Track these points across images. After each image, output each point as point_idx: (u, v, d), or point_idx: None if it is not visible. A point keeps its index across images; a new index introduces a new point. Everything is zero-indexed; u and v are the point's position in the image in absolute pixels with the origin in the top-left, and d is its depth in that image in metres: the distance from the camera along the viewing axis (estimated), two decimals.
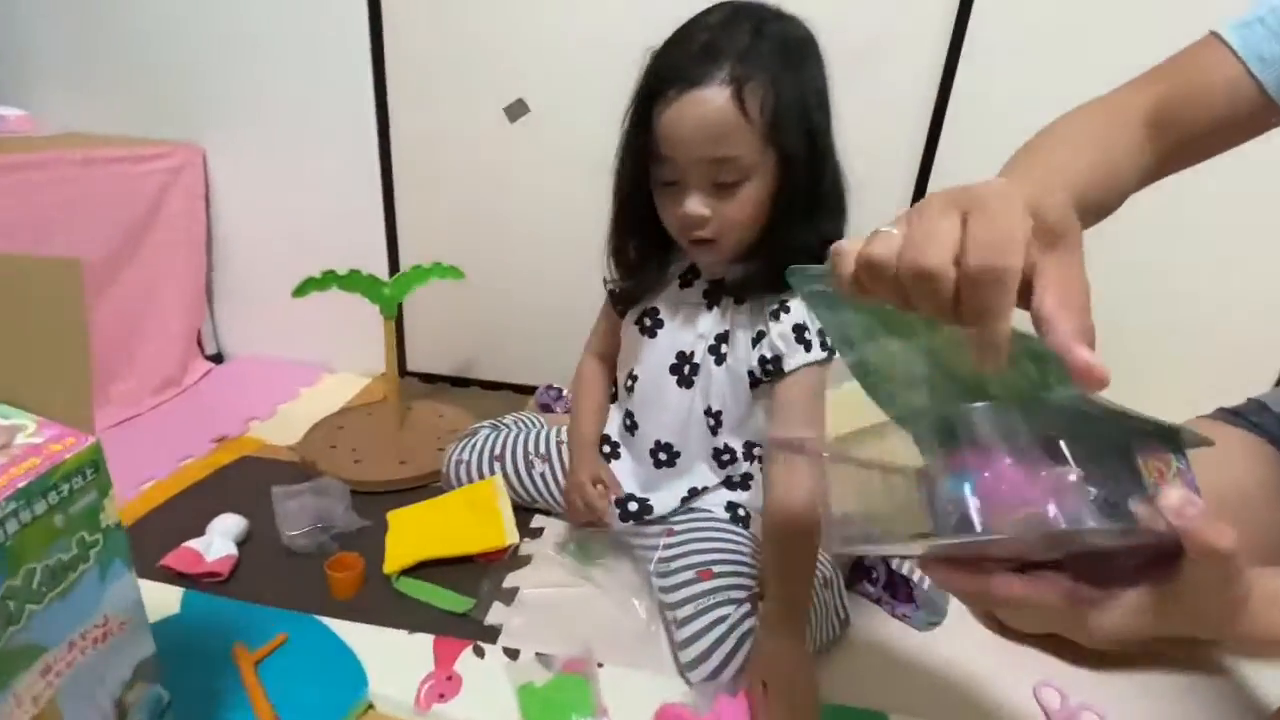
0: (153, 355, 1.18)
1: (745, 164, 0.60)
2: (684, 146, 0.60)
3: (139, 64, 1.20)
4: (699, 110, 0.58)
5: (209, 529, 0.82)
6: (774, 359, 0.70)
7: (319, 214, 1.25)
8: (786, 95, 0.59)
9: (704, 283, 0.75)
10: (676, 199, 0.63)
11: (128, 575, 0.43)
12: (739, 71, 0.57)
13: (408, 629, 0.73)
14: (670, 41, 0.63)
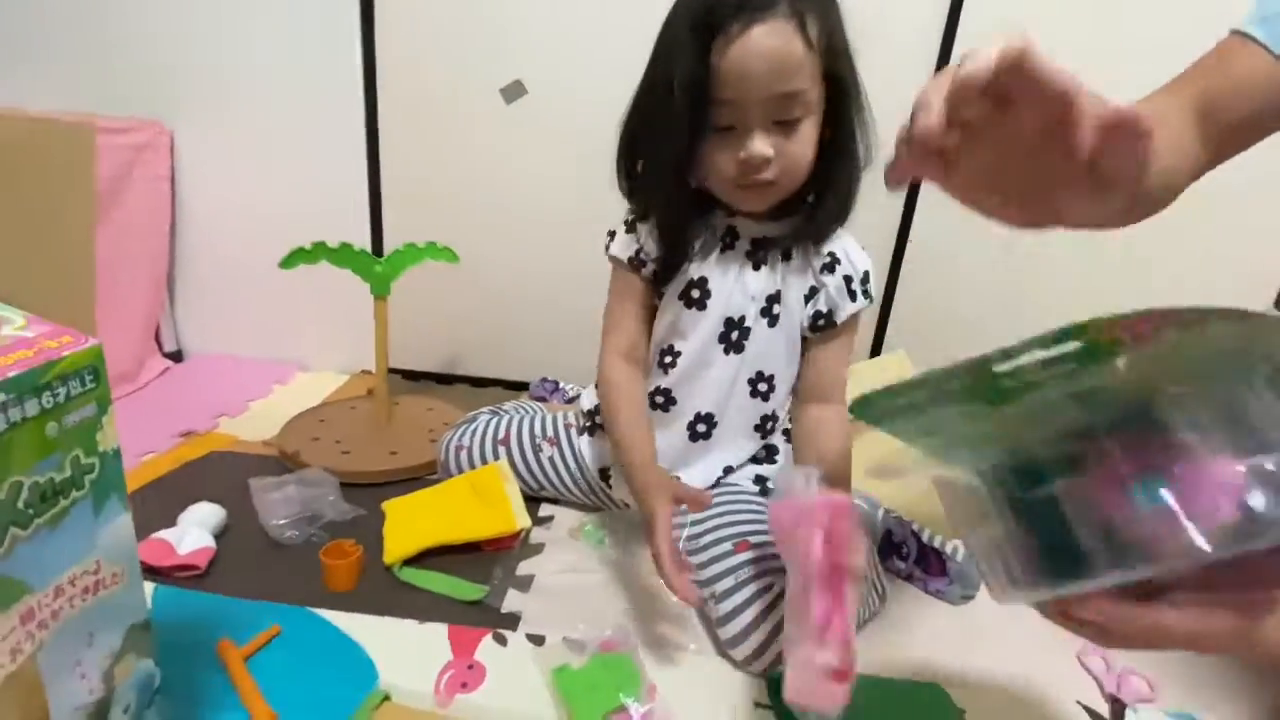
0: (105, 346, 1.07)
1: (809, 98, 0.59)
2: (751, 84, 0.57)
3: (98, 37, 1.12)
4: (768, 43, 0.55)
5: (181, 519, 0.73)
6: (828, 313, 0.69)
7: (297, 200, 1.18)
8: (834, 22, 0.59)
9: (746, 243, 0.71)
10: (735, 143, 0.60)
11: (124, 516, 0.36)
12: (797, 2, 0.56)
13: (418, 619, 0.65)
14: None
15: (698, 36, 0.57)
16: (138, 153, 1.10)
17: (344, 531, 0.77)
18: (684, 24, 0.59)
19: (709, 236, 0.72)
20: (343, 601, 0.67)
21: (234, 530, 0.76)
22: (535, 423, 0.91)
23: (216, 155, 1.17)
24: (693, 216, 0.70)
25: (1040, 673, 0.66)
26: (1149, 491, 0.29)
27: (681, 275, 0.72)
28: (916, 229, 1.14)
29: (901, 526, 0.81)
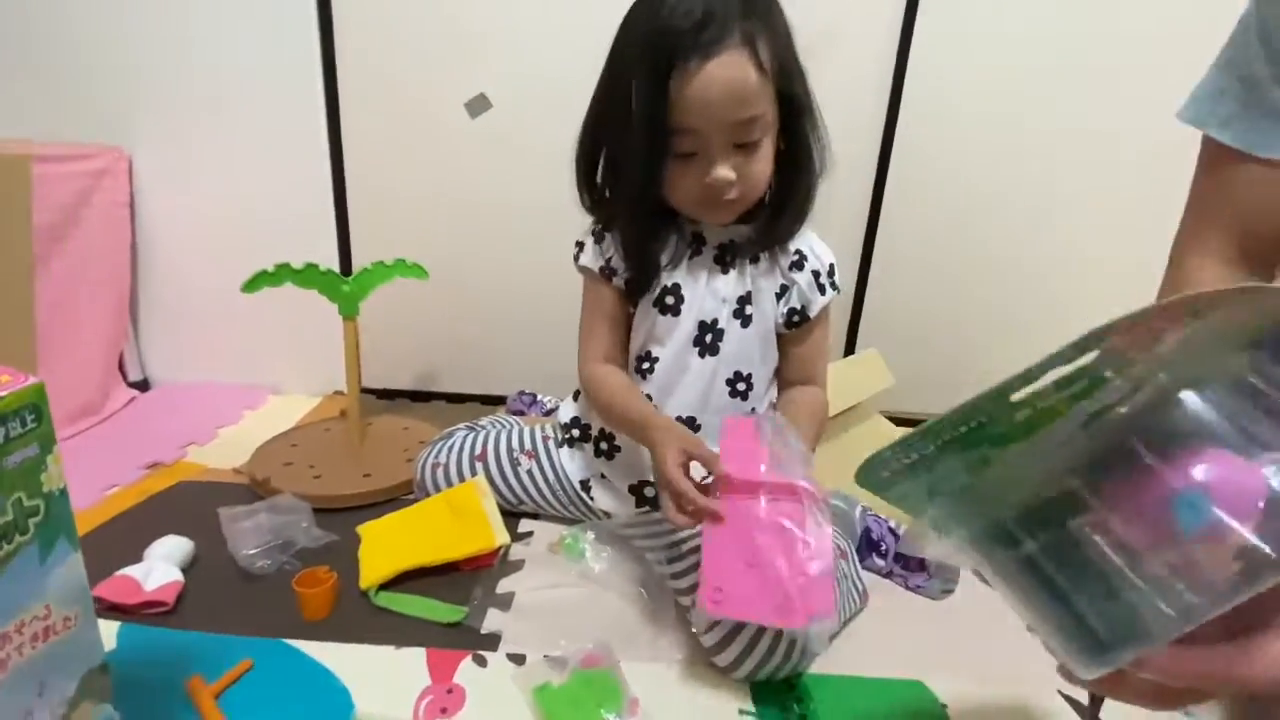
0: (67, 379, 1.04)
1: (766, 120, 0.61)
2: (712, 114, 0.59)
3: (55, 64, 1.09)
4: (725, 75, 0.57)
5: (147, 554, 0.71)
6: (801, 309, 0.72)
7: (262, 221, 1.16)
8: (782, 42, 0.61)
9: (713, 248, 0.73)
10: (698, 168, 0.62)
11: (73, 557, 0.35)
12: (747, 29, 0.58)
13: (395, 645, 0.64)
14: (653, 14, 0.60)
15: (655, 70, 0.58)
16: (96, 179, 1.08)
17: (318, 558, 0.75)
18: (639, 55, 0.60)
19: (677, 244, 0.73)
20: (318, 631, 0.65)
21: (203, 562, 0.74)
22: (513, 437, 0.90)
23: (178, 177, 1.15)
24: (658, 232, 0.72)
25: (1022, 664, 0.66)
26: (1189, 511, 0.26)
27: (655, 284, 0.73)
28: (884, 229, 1.16)
29: (879, 524, 0.82)
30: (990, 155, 1.12)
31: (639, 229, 0.70)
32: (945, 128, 1.10)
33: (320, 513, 0.82)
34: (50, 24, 1.07)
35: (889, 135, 1.10)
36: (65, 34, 1.08)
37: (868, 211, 1.15)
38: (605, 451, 0.81)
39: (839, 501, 0.85)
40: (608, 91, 0.65)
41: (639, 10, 0.63)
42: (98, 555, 0.72)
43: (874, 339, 1.20)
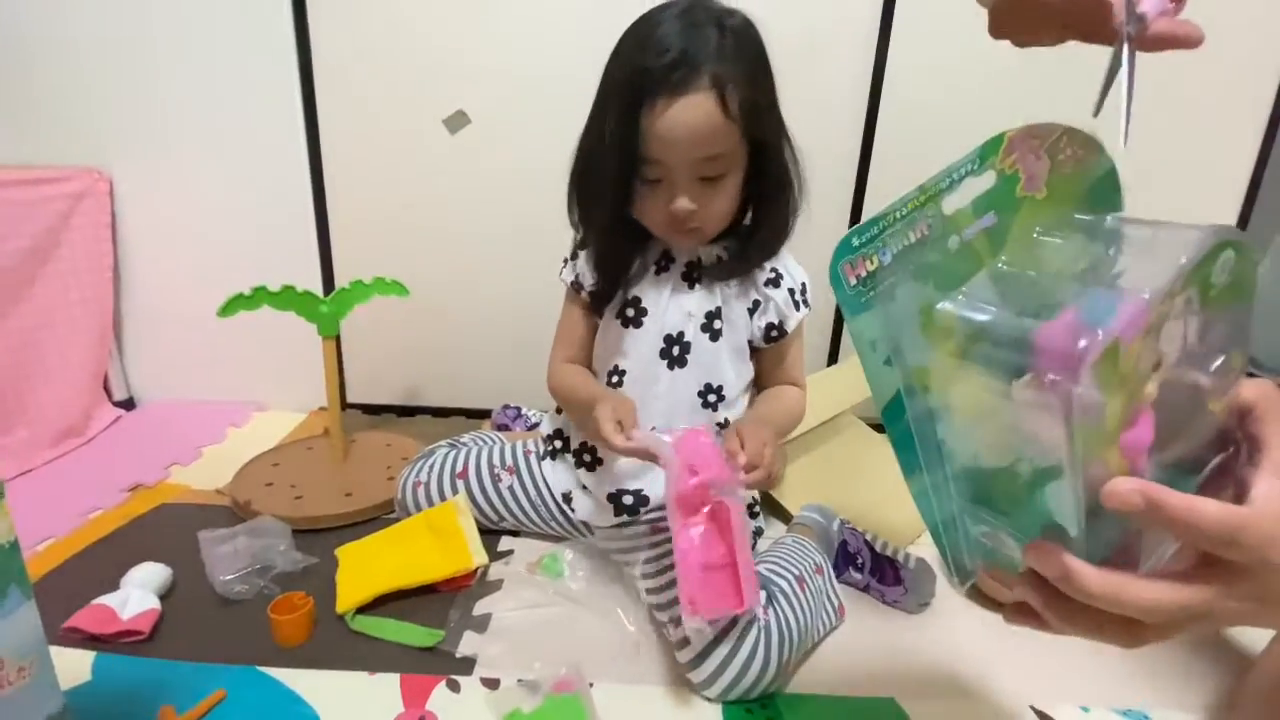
0: (50, 402, 1.05)
1: (728, 159, 0.65)
2: (675, 149, 0.63)
3: (31, 85, 1.09)
4: (689, 116, 0.61)
5: (124, 581, 0.71)
6: (779, 324, 0.75)
7: (244, 238, 1.17)
8: (754, 88, 0.64)
9: (680, 265, 0.76)
10: (663, 197, 0.66)
11: (25, 606, 0.35)
12: (718, 73, 0.61)
13: (369, 670, 0.64)
14: (637, 46, 0.64)
15: (629, 103, 0.62)
16: (76, 201, 1.08)
17: (296, 582, 0.76)
18: (618, 87, 0.64)
19: (643, 261, 0.77)
20: (293, 657, 0.66)
21: (181, 587, 0.75)
22: (494, 453, 0.91)
23: (158, 197, 1.15)
24: (629, 248, 0.75)
25: (996, 679, 0.67)
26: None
27: (616, 297, 0.77)
28: None
29: (855, 537, 0.82)
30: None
31: (608, 244, 0.75)
32: (922, 140, 1.10)
33: (301, 534, 0.83)
34: (29, 47, 1.07)
35: (867, 147, 1.11)
36: (44, 57, 1.08)
37: (847, 223, 1.15)
38: (587, 463, 0.82)
39: (817, 515, 0.85)
40: (594, 115, 0.70)
41: (627, 41, 0.66)
42: (76, 582, 0.74)
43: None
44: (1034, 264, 0.33)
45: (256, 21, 1.06)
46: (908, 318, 0.32)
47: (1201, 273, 0.29)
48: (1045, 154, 0.34)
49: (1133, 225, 0.33)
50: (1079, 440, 0.27)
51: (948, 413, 0.33)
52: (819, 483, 0.98)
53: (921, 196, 0.33)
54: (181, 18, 1.06)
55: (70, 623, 0.66)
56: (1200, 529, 0.28)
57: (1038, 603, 0.33)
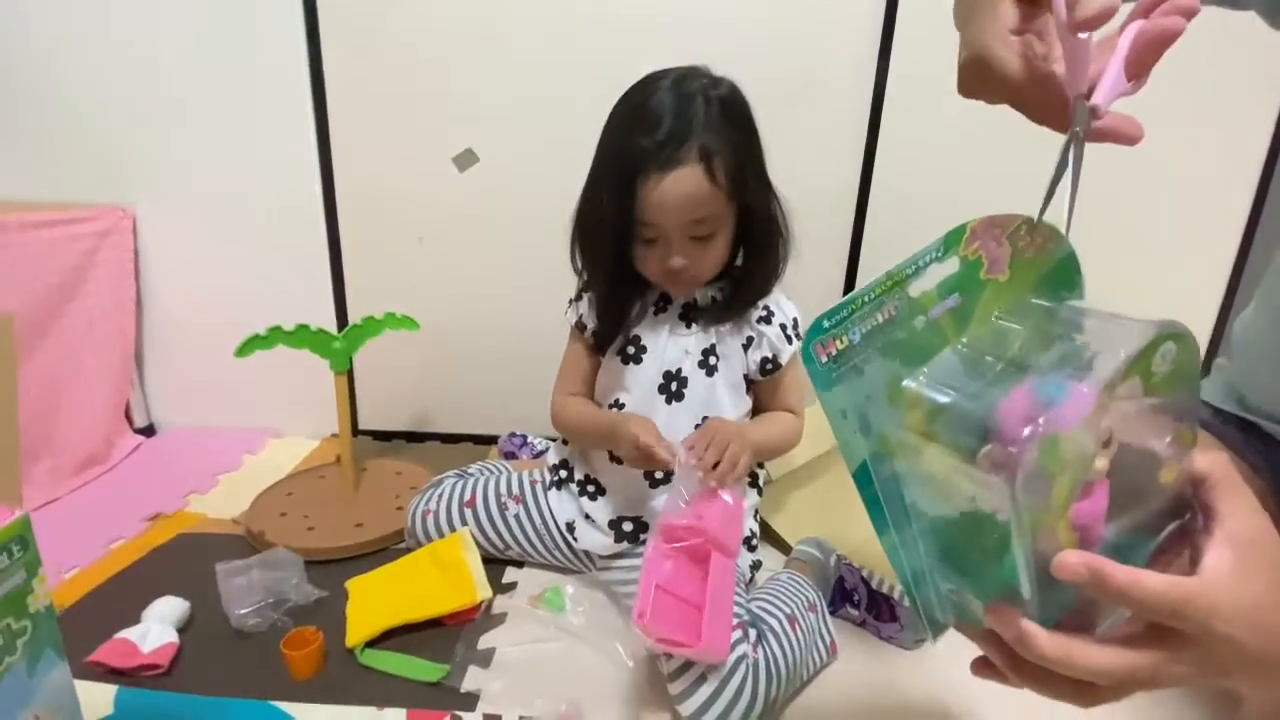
0: (74, 432, 1.09)
1: (716, 220, 0.71)
2: (667, 215, 0.69)
3: (60, 126, 1.14)
4: (679, 188, 0.68)
5: (144, 616, 0.74)
6: (773, 358, 0.79)
7: (260, 272, 1.21)
8: (739, 155, 0.70)
9: (678, 307, 0.82)
10: (658, 253, 0.73)
11: (60, 667, 0.38)
12: (705, 145, 0.68)
13: (377, 705, 0.67)
14: (630, 121, 0.71)
15: (625, 177, 0.68)
16: (101, 239, 1.12)
17: (308, 615, 0.79)
18: (614, 161, 0.71)
19: (643, 304, 0.82)
20: (305, 691, 0.68)
21: (199, 620, 0.78)
22: (501, 482, 0.93)
23: (180, 232, 1.20)
24: (630, 295, 0.80)
25: (990, 715, 0.68)
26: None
27: (619, 338, 0.82)
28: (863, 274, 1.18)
29: (852, 573, 0.84)
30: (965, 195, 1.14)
31: (611, 294, 0.80)
32: (921, 170, 1.12)
33: (313, 565, 0.86)
34: (59, 88, 1.12)
35: (865, 185, 1.13)
36: (73, 98, 1.13)
37: (847, 257, 1.17)
38: (590, 492, 0.86)
39: (815, 550, 0.87)
40: (593, 179, 0.75)
41: (621, 113, 0.72)
42: (99, 614, 0.77)
43: None
44: (995, 345, 0.36)
45: (272, 63, 1.10)
46: (876, 391, 0.35)
47: (1142, 364, 0.31)
48: (1006, 240, 0.37)
49: (1087, 315, 0.36)
50: (1025, 516, 0.30)
51: (914, 478, 0.35)
52: (818, 514, 1.00)
53: (888, 282, 0.35)
54: (200, 61, 1.11)
55: (94, 656, 0.69)
56: (1143, 602, 0.30)
57: (998, 660, 0.35)
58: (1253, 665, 0.30)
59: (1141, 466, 0.33)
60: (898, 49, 1.06)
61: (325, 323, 1.18)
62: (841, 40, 1.07)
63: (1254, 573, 0.31)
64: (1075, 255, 0.39)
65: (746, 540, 0.86)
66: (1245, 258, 1.16)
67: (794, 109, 1.08)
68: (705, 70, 0.73)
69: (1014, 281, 0.37)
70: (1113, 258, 1.17)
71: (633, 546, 0.83)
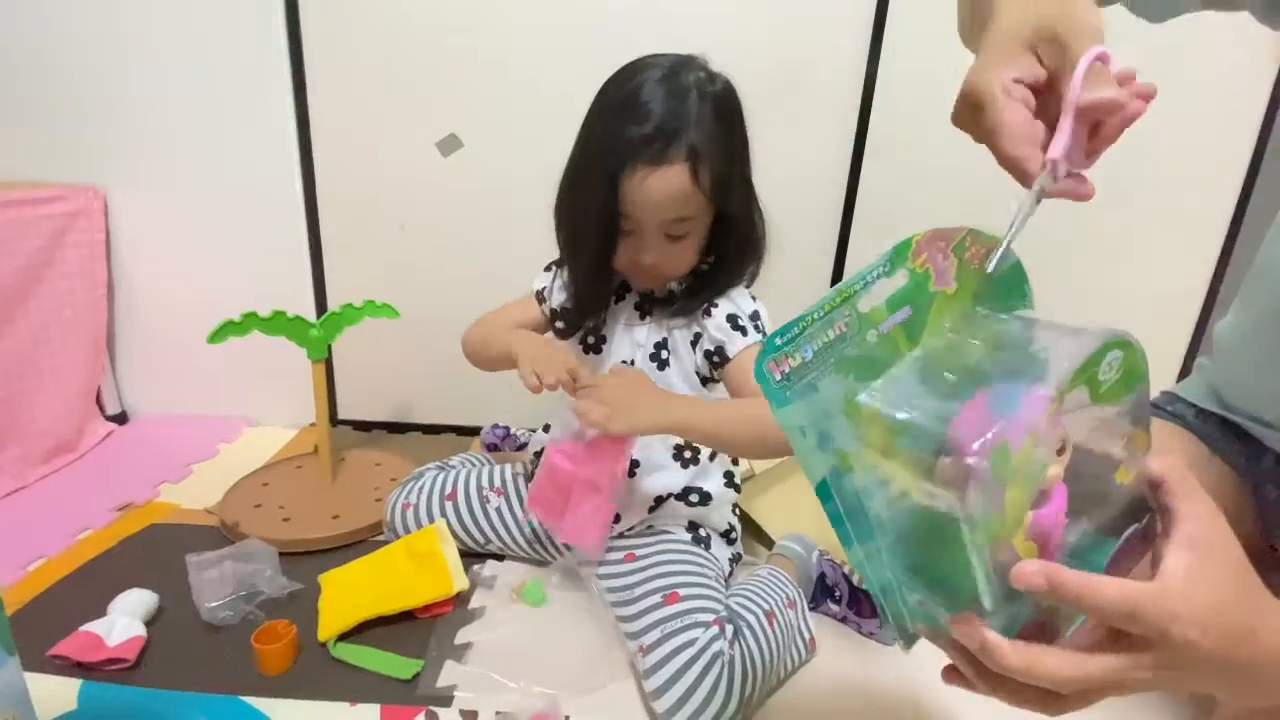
0: (43, 419, 1.06)
1: (695, 220, 0.70)
2: (647, 212, 0.68)
3: (26, 102, 1.10)
4: (663, 185, 0.66)
5: (110, 608, 0.73)
6: (717, 349, 0.76)
7: (237, 257, 1.18)
8: (726, 161, 0.69)
9: (635, 296, 0.81)
10: (633, 246, 0.72)
11: (10, 663, 0.37)
12: (693, 144, 0.66)
13: (350, 701, 0.66)
14: (621, 109, 0.68)
15: (610, 168, 0.67)
16: (70, 220, 1.09)
17: (281, 608, 0.77)
18: (600, 151, 0.68)
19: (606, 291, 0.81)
20: (276, 687, 0.67)
21: (168, 613, 0.76)
22: (483, 475, 0.92)
23: (154, 215, 1.16)
24: (609, 288, 0.79)
25: (970, 712, 0.68)
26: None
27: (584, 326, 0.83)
28: (850, 270, 1.17)
29: (834, 569, 0.84)
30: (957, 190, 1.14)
31: (590, 279, 0.79)
32: (911, 166, 1.12)
33: (288, 556, 0.84)
34: (27, 65, 1.08)
35: (855, 174, 1.12)
36: (42, 75, 1.09)
37: (835, 247, 1.16)
38: None
39: (796, 546, 0.87)
40: (576, 162, 0.73)
41: (611, 96, 0.69)
42: (65, 606, 0.75)
43: None
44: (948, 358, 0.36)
45: (251, 43, 1.07)
46: (833, 407, 0.35)
47: (1088, 373, 0.32)
48: (952, 253, 0.37)
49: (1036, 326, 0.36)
50: (981, 528, 0.30)
51: (875, 493, 0.35)
52: (801, 510, 1.00)
53: (838, 298, 0.35)
54: (177, 38, 1.07)
55: (57, 650, 0.67)
56: (1099, 608, 0.30)
57: (965, 669, 0.35)
58: (1214, 669, 0.30)
59: (1097, 471, 0.34)
60: (888, 46, 1.05)
61: (305, 310, 1.16)
62: (832, 37, 1.06)
63: (1212, 576, 0.31)
64: (1022, 266, 0.39)
65: (725, 534, 0.85)
66: (1228, 258, 1.17)
67: (783, 105, 1.07)
68: (702, 62, 0.71)
69: (961, 293, 0.37)
70: (1097, 258, 1.19)
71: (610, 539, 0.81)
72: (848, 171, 1.12)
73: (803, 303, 0.35)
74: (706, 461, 0.82)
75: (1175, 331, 1.22)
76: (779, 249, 0.81)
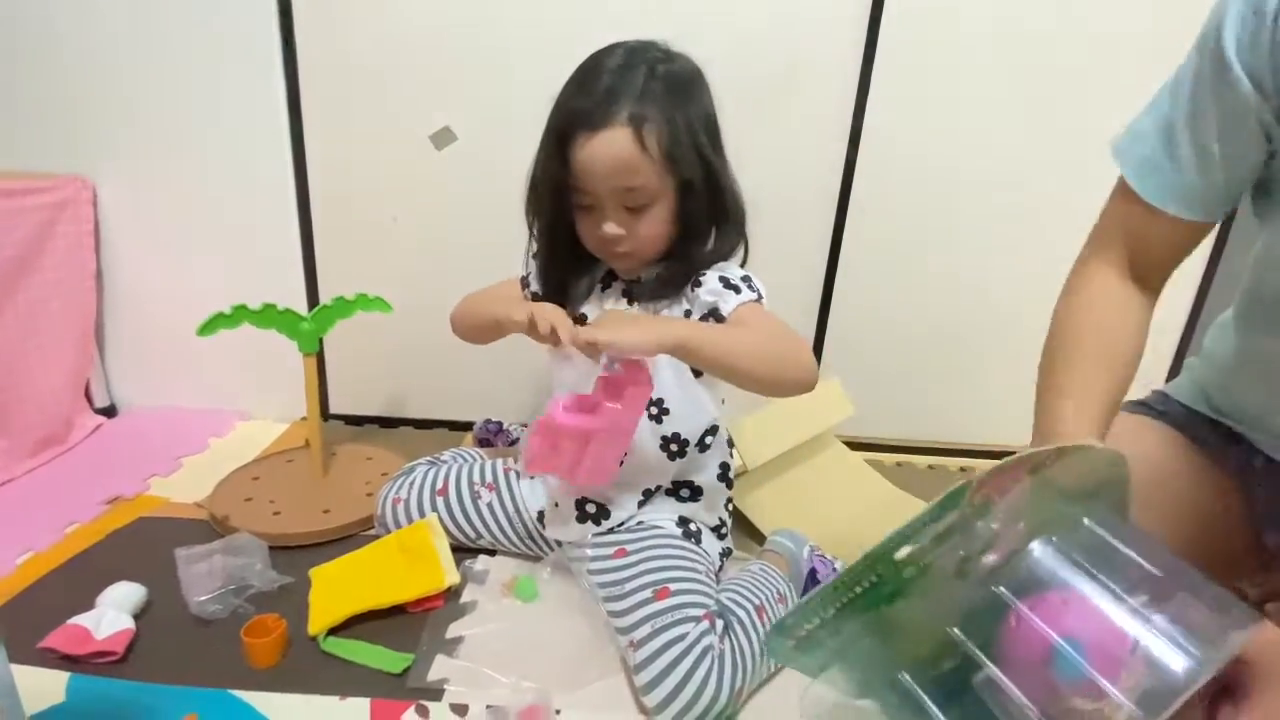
0: (32, 411, 1.05)
1: (650, 190, 0.69)
2: (597, 179, 0.68)
3: (15, 91, 1.09)
4: (607, 149, 0.67)
5: (99, 601, 0.72)
6: (711, 311, 0.73)
7: (229, 249, 1.17)
8: (678, 129, 0.68)
9: (621, 283, 0.80)
10: (595, 221, 0.72)
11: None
12: (637, 112, 0.66)
13: (340, 694, 0.66)
14: (575, 84, 0.70)
15: (559, 137, 0.68)
16: (59, 210, 1.08)
17: (271, 602, 0.77)
18: (553, 122, 0.70)
19: (589, 280, 0.81)
20: (265, 680, 0.67)
21: (157, 606, 0.76)
22: (474, 470, 0.92)
23: (143, 205, 1.15)
24: (572, 267, 0.80)
25: None
26: (1066, 664, 0.29)
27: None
28: (844, 260, 1.17)
29: (825, 564, 0.84)
30: (950, 186, 1.14)
31: (550, 255, 0.80)
32: (904, 161, 1.12)
33: (279, 550, 0.84)
34: (17, 54, 1.07)
35: (849, 170, 1.12)
36: (32, 64, 1.08)
37: (829, 242, 1.17)
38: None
39: (788, 542, 0.87)
40: (541, 143, 0.74)
41: (572, 78, 0.71)
42: (53, 599, 0.75)
43: (835, 367, 1.22)
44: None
45: (243, 33, 1.06)
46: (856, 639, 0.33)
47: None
48: (1028, 475, 0.34)
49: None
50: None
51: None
52: (792, 505, 1.00)
53: (865, 563, 0.32)
54: (169, 29, 1.06)
55: (45, 642, 0.67)
56: None
57: None
58: None
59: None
60: (883, 43, 1.05)
61: (296, 303, 1.15)
62: (827, 34, 1.05)
63: None
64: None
65: (716, 528, 0.85)
66: (1219, 256, 1.17)
67: (779, 102, 1.07)
68: (663, 45, 0.72)
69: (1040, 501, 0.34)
70: None
71: (597, 529, 0.81)
72: (841, 167, 1.12)
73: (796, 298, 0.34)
74: (696, 453, 0.82)
75: (1166, 329, 1.23)
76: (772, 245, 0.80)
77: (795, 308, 1.20)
